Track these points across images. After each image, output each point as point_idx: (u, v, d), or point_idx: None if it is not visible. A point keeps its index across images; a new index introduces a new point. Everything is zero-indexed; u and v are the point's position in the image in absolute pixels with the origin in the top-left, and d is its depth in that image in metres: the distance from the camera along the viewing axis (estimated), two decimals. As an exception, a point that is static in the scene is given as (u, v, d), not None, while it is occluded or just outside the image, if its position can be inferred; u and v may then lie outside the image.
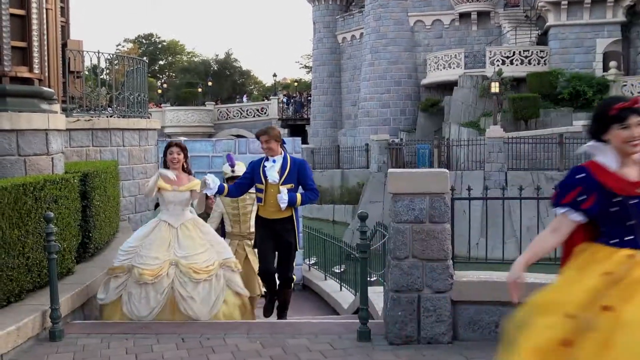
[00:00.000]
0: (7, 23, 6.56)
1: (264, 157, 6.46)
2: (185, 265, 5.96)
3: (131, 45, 71.33)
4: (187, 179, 6.37)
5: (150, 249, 6.03)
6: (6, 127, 6.42)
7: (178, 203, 6.23)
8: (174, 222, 6.18)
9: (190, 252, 6.03)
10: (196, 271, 5.95)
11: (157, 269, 5.92)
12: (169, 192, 6.21)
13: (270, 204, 6.33)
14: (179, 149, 6.36)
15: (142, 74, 12.79)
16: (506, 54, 29.27)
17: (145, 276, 5.87)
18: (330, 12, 39.36)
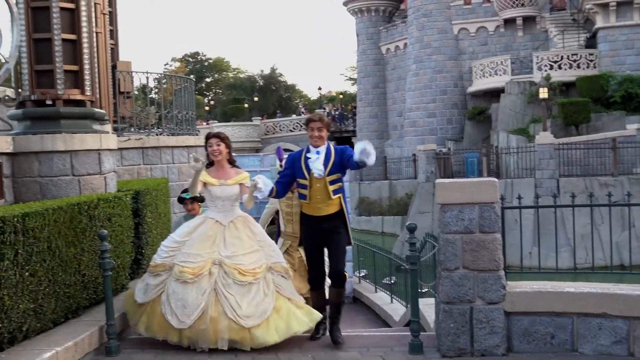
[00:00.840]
0: (60, 48, 6.78)
1: (303, 150, 5.87)
2: (229, 265, 5.49)
3: (178, 64, 72.71)
4: (234, 172, 5.84)
5: (193, 246, 5.61)
6: (61, 148, 6.62)
7: (226, 198, 5.72)
8: (222, 219, 5.72)
9: (236, 252, 5.57)
10: (242, 272, 5.48)
11: (198, 267, 5.49)
12: (216, 186, 5.71)
13: (316, 199, 5.71)
14: (218, 140, 5.77)
15: (190, 92, 13.02)
16: (554, 59, 28.76)
17: (186, 274, 5.45)
18: (373, 23, 39.41)
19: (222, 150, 5.75)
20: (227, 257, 5.54)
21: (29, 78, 6.82)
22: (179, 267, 5.51)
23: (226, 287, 5.43)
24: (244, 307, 5.35)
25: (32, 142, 6.58)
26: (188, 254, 5.58)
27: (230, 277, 5.47)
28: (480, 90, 31.52)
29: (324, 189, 5.67)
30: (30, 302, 4.94)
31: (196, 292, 5.42)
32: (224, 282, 5.46)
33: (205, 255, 5.56)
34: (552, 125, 25.23)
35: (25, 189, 6.59)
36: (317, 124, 5.76)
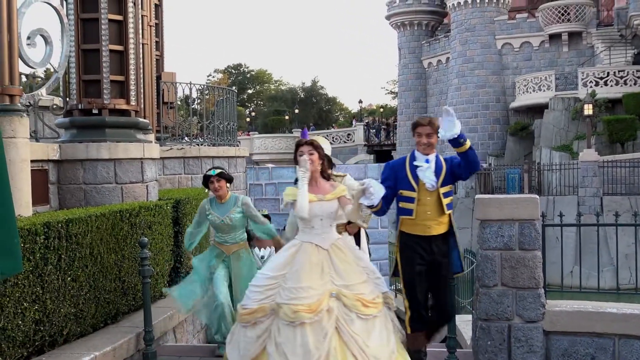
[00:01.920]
0: (107, 59, 6.96)
1: (404, 158, 5.06)
2: (350, 296, 4.44)
3: (221, 75, 73.65)
4: (329, 185, 4.82)
5: (299, 278, 4.47)
6: (105, 157, 6.77)
7: (326, 217, 4.66)
8: (322, 242, 4.64)
9: (352, 281, 4.53)
10: (365, 304, 4.45)
11: (315, 302, 4.36)
12: (314, 202, 4.65)
13: (425, 215, 4.85)
14: (310, 148, 4.78)
15: (232, 103, 13.17)
16: (600, 75, 28.22)
17: (302, 313, 4.30)
18: (415, 37, 39.32)
19: (315, 160, 4.75)
20: (344, 287, 4.49)
21: (77, 87, 7.01)
22: (290, 307, 4.36)
23: (349, 324, 4.40)
24: (371, 346, 4.41)
25: (78, 150, 6.75)
26: (296, 289, 4.44)
27: (353, 311, 4.43)
28: (523, 105, 31.12)
29: (437, 202, 4.86)
30: (72, 307, 5.05)
31: (316, 335, 4.31)
32: (346, 317, 4.41)
33: (319, 288, 4.45)
34: (596, 142, 24.74)
35: (70, 196, 6.75)
36: (426, 128, 4.94)
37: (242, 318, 4.58)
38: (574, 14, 31.22)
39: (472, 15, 33.22)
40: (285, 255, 4.69)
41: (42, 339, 4.74)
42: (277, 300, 4.45)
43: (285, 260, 4.65)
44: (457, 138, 4.75)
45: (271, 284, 4.56)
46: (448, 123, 4.70)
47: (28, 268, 4.49)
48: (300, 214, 4.58)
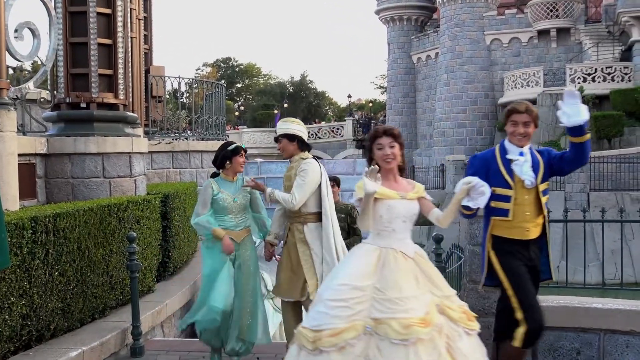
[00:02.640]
0: (95, 52, 6.92)
1: (493, 150, 4.44)
2: (456, 309, 3.79)
3: (210, 69, 73.39)
4: (406, 182, 4.11)
5: (400, 287, 3.68)
6: (93, 151, 6.74)
7: (409, 219, 3.97)
8: (405, 248, 3.89)
9: (449, 292, 3.87)
10: (470, 317, 3.83)
11: (426, 315, 3.61)
12: (396, 200, 3.89)
13: (524, 216, 4.22)
14: (391, 139, 4.00)
15: (220, 97, 13.15)
16: (588, 71, 28.38)
17: (416, 328, 3.52)
18: (405, 32, 39.33)
19: (396, 154, 4.00)
20: (445, 298, 3.81)
21: (65, 81, 6.97)
22: (399, 321, 3.55)
23: (458, 341, 3.70)
24: None
25: (66, 144, 6.72)
26: (400, 299, 3.64)
27: (460, 325, 3.75)
28: (512, 101, 30.87)
29: (535, 201, 4.27)
30: (59, 302, 5.03)
31: (430, 356, 3.55)
32: (454, 333, 3.72)
33: (424, 298, 3.72)
34: (584, 138, 24.88)
35: (58, 190, 6.72)
36: (523, 116, 4.33)
37: (324, 341, 3.61)
38: (562, 10, 31.36)
39: (462, 11, 33.28)
40: (367, 261, 3.82)
41: (29, 333, 4.73)
42: (374, 315, 3.62)
43: (368, 268, 3.80)
44: (581, 126, 4.04)
45: (359, 296, 3.68)
46: (572, 107, 3.99)
47: (15, 262, 4.47)
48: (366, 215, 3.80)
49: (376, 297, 3.67)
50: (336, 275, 3.91)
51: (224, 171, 5.26)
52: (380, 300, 3.65)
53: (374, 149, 4.03)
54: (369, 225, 3.87)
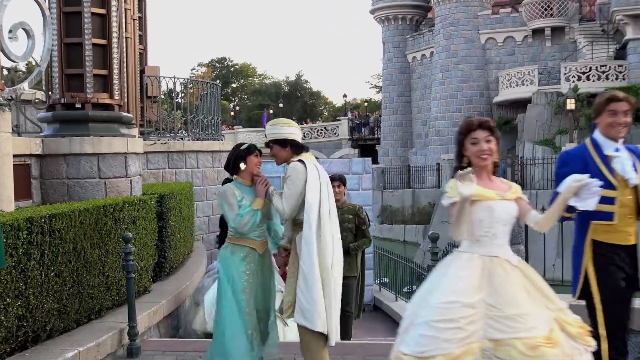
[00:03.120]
0: (90, 52, 6.90)
1: (584, 145, 4.00)
2: (574, 324, 3.38)
3: (205, 69, 73.34)
4: (499, 181, 3.63)
5: (517, 302, 3.28)
6: (88, 151, 6.73)
7: (509, 222, 3.51)
8: (509, 256, 3.48)
9: (560, 304, 3.44)
10: (587, 332, 3.44)
11: (551, 334, 3.23)
12: (496, 201, 3.46)
13: (627, 220, 3.83)
14: (487, 133, 3.54)
15: (216, 98, 13.13)
16: (582, 70, 28.46)
17: (544, 349, 3.15)
18: (399, 32, 39.37)
19: (493, 149, 3.55)
20: (561, 312, 3.40)
21: (59, 81, 6.95)
22: (524, 341, 3.16)
23: None
24: None
25: (61, 145, 6.70)
26: (520, 316, 3.23)
27: (579, 342, 3.35)
28: (507, 100, 31.31)
29: (635, 202, 3.86)
30: (55, 302, 5.02)
31: None
32: (575, 352, 3.31)
33: (539, 313, 3.32)
34: (578, 137, 24.95)
35: (53, 191, 6.71)
36: (622, 104, 3.88)
37: None
38: (556, 9, 31.44)
39: (456, 10, 33.34)
40: (471, 273, 3.38)
41: (25, 334, 4.72)
42: (492, 336, 3.21)
43: (475, 281, 3.36)
44: None
45: (470, 315, 3.24)
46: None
47: (11, 263, 4.45)
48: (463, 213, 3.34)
49: (490, 314, 3.24)
50: (435, 290, 3.40)
51: (239, 175, 4.72)
52: (497, 318, 3.22)
53: (466, 143, 3.56)
54: (464, 233, 3.44)
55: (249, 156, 4.72)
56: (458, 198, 3.30)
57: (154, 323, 6.42)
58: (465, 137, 3.57)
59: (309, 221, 4.29)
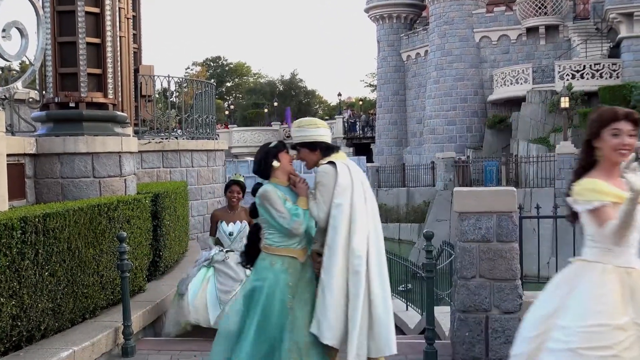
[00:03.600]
0: (84, 51, 6.89)
1: None
2: None
3: (199, 68, 73.19)
4: (623, 183, 3.04)
5: None
6: (82, 150, 6.71)
7: None
8: None
9: None
10: None
11: None
12: None
13: None
14: (632, 127, 3.14)
15: (210, 96, 13.11)
16: (576, 68, 28.52)
17: None
18: (394, 30, 39.37)
19: (633, 145, 3.15)
20: None
21: (53, 81, 6.93)
22: None
23: None
24: None
25: (55, 144, 6.68)
26: None
27: None
28: (501, 98, 31.36)
29: None
30: (49, 302, 5.01)
31: None
32: None
33: None
34: (573, 135, 25.02)
35: (47, 190, 6.69)
36: None
37: None
38: (550, 7, 31.49)
39: (451, 9, 33.36)
40: (612, 289, 2.96)
41: (19, 334, 4.70)
42: None
43: (619, 298, 2.94)
44: None
45: (623, 339, 2.86)
46: None
47: (5, 263, 4.44)
48: None
49: None
50: (566, 310, 3.00)
51: (273, 175, 4.25)
52: None
53: (604, 134, 3.13)
54: (624, 238, 2.95)
55: (280, 153, 4.33)
56: (611, 199, 2.92)
57: (149, 322, 6.42)
58: (604, 128, 3.13)
59: (335, 226, 4.00)
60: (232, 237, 6.47)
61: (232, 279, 6.29)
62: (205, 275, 6.38)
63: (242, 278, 6.12)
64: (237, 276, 6.25)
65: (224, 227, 6.50)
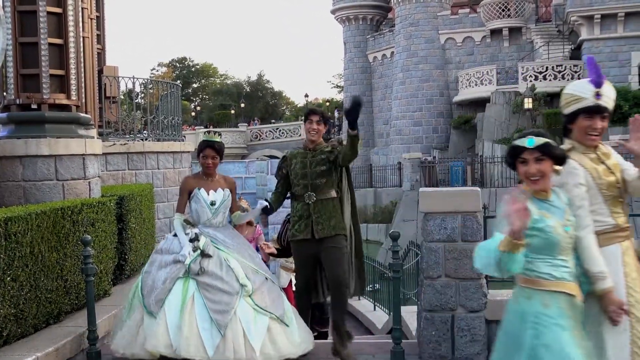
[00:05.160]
0: (46, 52, 6.78)
1: None
2: None
3: (165, 69, 72.58)
4: None
5: None
6: (45, 153, 6.60)
7: None
8: None
9: None
10: None
11: None
12: None
13: None
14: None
15: (176, 98, 13.01)
16: (539, 70, 29.01)
17: None
18: (360, 32, 39.56)
19: None
20: None
21: (15, 82, 6.81)
22: None
23: None
24: None
25: (17, 146, 6.56)
26: None
27: None
28: (466, 99, 31.74)
29: None
30: (12, 307, 4.92)
31: None
32: None
33: None
34: (536, 136, 25.43)
35: (9, 193, 6.57)
36: None
37: None
38: (513, 9, 32.00)
39: (416, 10, 33.65)
40: None
41: (-20, 341, 4.62)
42: None
43: None
44: None
45: None
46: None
47: (-35, 269, 4.35)
48: None
49: None
50: None
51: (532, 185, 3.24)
52: None
53: None
54: None
55: None
56: None
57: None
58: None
59: None
60: (214, 207, 5.24)
61: (225, 293, 4.79)
62: (185, 293, 4.82)
63: (237, 289, 4.82)
64: (231, 287, 4.83)
65: (202, 196, 5.22)
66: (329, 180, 5.35)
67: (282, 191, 5.59)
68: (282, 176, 5.53)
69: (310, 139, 5.40)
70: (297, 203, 5.41)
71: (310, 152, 5.43)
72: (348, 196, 5.50)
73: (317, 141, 5.42)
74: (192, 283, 4.85)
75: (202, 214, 5.23)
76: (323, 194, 5.33)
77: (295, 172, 5.40)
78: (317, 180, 5.31)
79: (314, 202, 5.29)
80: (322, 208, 5.30)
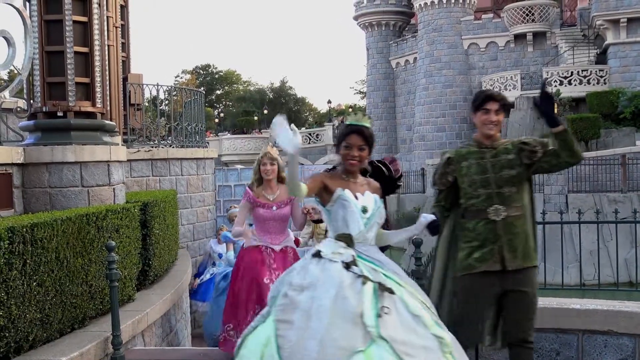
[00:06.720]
0: (72, 60, 6.86)
1: None
2: None
3: (189, 76, 73.16)
4: None
5: None
6: (71, 160, 6.68)
7: None
8: None
9: None
10: None
11: None
12: None
13: None
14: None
15: (200, 105, 13.11)
16: (564, 74, 28.73)
17: None
18: (383, 38, 39.55)
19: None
20: None
21: (41, 90, 6.91)
22: None
23: None
24: None
25: (43, 153, 6.65)
26: None
27: None
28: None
29: None
30: (37, 312, 4.97)
31: None
32: None
33: None
34: (561, 141, 25.16)
35: (35, 200, 6.65)
36: None
37: None
38: (538, 14, 31.76)
39: (439, 16, 33.57)
40: None
41: (7, 345, 4.67)
42: None
43: None
44: None
45: None
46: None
47: (-8, 274, 4.41)
48: None
49: None
50: None
51: None
52: None
53: None
54: None
55: None
56: None
57: (138, 332, 6.38)
58: None
59: None
60: (366, 216, 3.78)
61: (429, 350, 3.34)
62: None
63: (436, 344, 3.36)
64: (430, 341, 3.38)
65: (350, 198, 3.75)
66: (521, 189, 4.15)
67: (445, 205, 4.47)
68: (445, 184, 4.39)
69: (487, 133, 4.22)
70: (475, 222, 4.16)
71: (488, 150, 4.27)
72: (531, 212, 4.23)
73: (495, 136, 4.28)
74: (378, 350, 3.15)
75: (353, 225, 3.69)
76: (514, 208, 4.10)
77: (471, 179, 4.21)
78: (505, 188, 4.10)
79: (502, 219, 4.07)
80: (514, 228, 4.07)
